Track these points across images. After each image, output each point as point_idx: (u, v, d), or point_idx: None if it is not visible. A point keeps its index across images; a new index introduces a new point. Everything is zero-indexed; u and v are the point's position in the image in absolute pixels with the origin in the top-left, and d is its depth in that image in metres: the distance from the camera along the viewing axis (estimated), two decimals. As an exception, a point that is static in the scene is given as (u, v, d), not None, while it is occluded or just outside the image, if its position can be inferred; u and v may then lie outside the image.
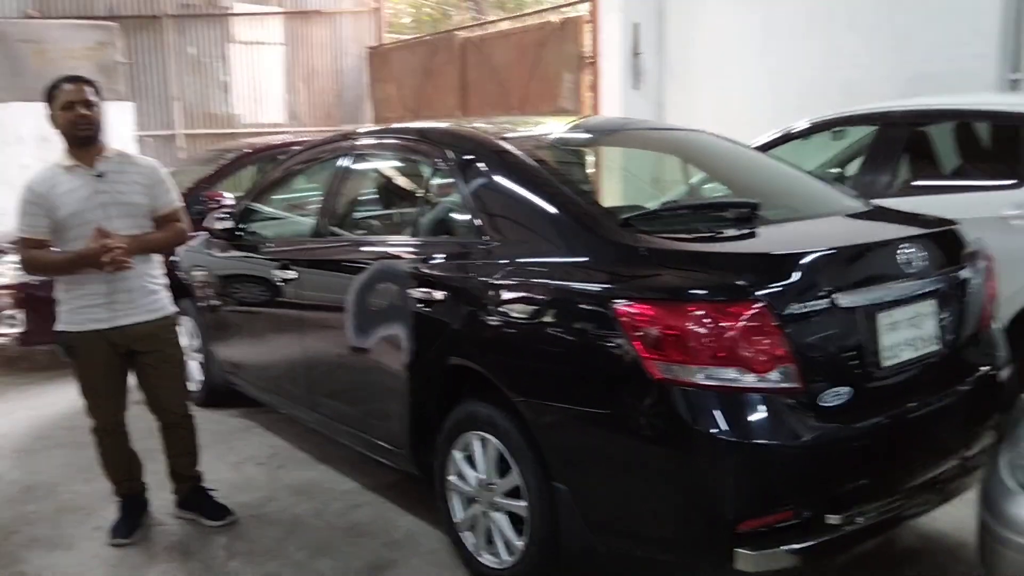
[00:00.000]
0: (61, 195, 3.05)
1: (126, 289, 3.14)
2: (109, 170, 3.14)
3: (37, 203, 3.05)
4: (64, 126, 3.09)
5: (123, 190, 3.14)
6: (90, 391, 3.27)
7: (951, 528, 3.10)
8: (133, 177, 3.18)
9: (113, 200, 3.11)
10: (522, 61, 9.92)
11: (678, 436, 2.21)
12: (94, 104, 3.11)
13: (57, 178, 3.08)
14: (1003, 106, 4.33)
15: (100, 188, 3.10)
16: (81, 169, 3.10)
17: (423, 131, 3.47)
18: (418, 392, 3.02)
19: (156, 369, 3.29)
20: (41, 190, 3.06)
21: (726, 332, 2.16)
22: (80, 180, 3.09)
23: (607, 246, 2.50)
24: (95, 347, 3.17)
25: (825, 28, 6.96)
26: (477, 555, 2.88)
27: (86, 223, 3.04)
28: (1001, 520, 1.98)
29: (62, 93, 3.07)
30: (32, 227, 3.07)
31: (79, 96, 3.07)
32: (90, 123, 3.09)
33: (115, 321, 3.15)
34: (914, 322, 2.50)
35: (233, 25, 12.46)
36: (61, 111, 3.07)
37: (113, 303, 3.14)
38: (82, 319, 3.14)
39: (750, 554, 2.15)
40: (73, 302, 3.15)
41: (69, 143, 3.12)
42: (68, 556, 3.24)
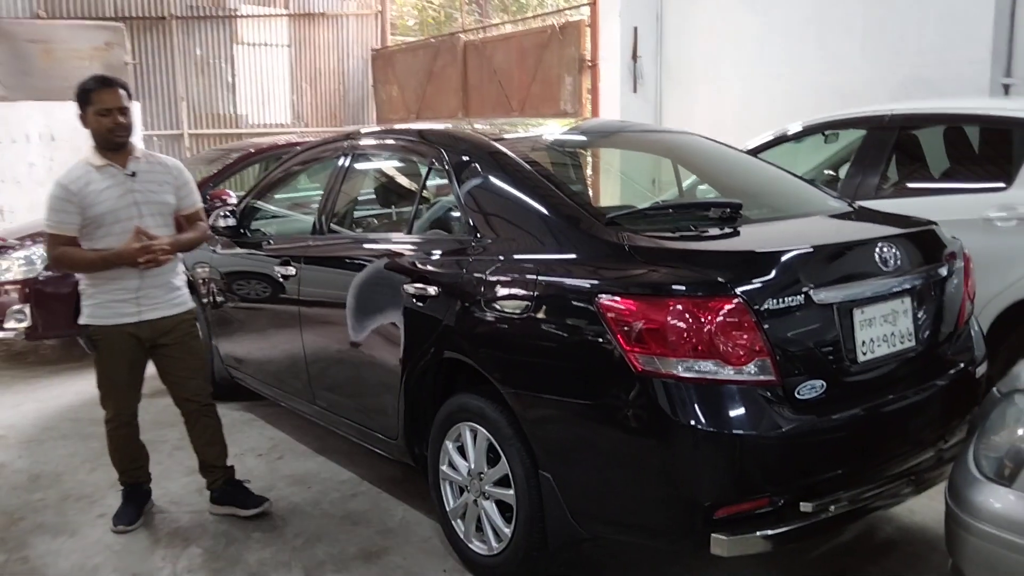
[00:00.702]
0: (95, 193, 3.12)
1: (154, 285, 3.25)
2: (140, 170, 3.23)
3: (70, 200, 3.10)
4: (99, 131, 3.15)
5: (154, 189, 3.24)
6: (109, 383, 3.35)
7: (930, 520, 3.19)
8: (163, 177, 3.28)
9: (145, 199, 3.21)
10: (523, 64, 10.03)
11: (658, 426, 2.30)
12: (129, 110, 3.18)
13: (89, 176, 3.15)
14: (991, 110, 4.40)
15: (132, 187, 3.19)
16: (113, 168, 3.18)
17: (421, 132, 3.56)
18: (412, 384, 3.11)
19: (180, 360, 3.39)
20: (74, 188, 3.11)
21: (704, 326, 2.26)
22: (113, 179, 3.17)
23: (593, 243, 2.60)
24: (121, 341, 3.25)
25: (820, 33, 7.05)
26: (468, 542, 2.97)
27: (118, 221, 3.14)
28: (965, 507, 2.06)
29: (99, 98, 3.12)
30: (63, 224, 3.13)
31: (116, 103, 3.14)
32: (126, 130, 3.17)
33: (142, 316, 3.25)
34: (889, 319, 2.59)
35: (239, 26, 12.59)
36: (96, 116, 3.13)
37: (141, 298, 3.23)
38: (109, 313, 3.22)
39: (725, 539, 2.24)
40: (100, 296, 3.22)
41: (101, 146, 3.19)
42: (72, 542, 3.34)
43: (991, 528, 1.98)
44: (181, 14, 12.07)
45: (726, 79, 7.92)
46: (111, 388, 3.36)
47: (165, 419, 4.77)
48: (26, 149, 9.19)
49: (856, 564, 3.00)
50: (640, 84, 8.56)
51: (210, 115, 12.43)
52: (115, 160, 3.19)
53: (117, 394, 3.36)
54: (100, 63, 9.69)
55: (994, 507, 1.99)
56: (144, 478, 3.60)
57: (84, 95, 3.15)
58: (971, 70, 6.08)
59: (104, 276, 3.19)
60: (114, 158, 3.19)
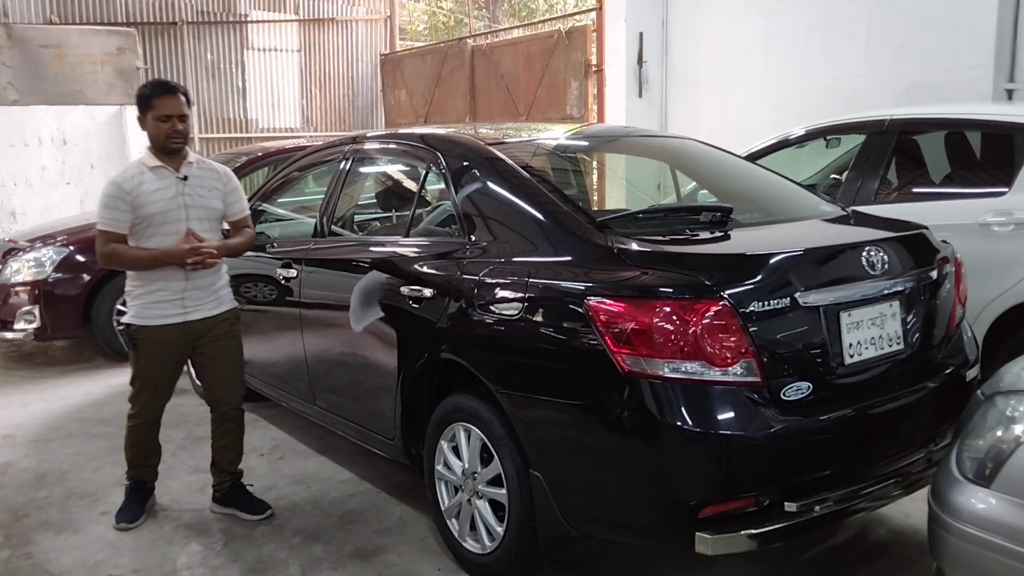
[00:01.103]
0: (148, 193, 3.19)
1: (198, 287, 3.32)
2: (191, 174, 3.30)
3: (123, 199, 3.17)
4: (156, 136, 3.23)
5: (204, 194, 3.32)
6: (145, 383, 3.40)
7: (924, 523, 3.17)
8: (212, 183, 3.36)
9: (194, 203, 3.28)
10: (530, 69, 10.09)
11: (644, 426, 2.33)
12: (187, 117, 3.27)
13: (143, 176, 3.22)
14: (987, 115, 4.41)
15: (183, 190, 3.26)
16: (166, 171, 3.26)
17: (421, 136, 3.61)
18: (408, 385, 3.16)
19: (216, 360, 3.45)
20: (128, 187, 3.18)
21: (690, 328, 2.29)
22: (165, 181, 3.24)
23: (583, 246, 2.64)
24: (164, 341, 3.31)
25: (824, 38, 7.08)
26: (462, 541, 3.01)
27: (167, 222, 3.22)
28: (946, 509, 2.09)
29: (160, 104, 3.20)
30: (116, 221, 3.19)
31: (177, 110, 3.21)
32: (183, 136, 3.25)
33: (188, 316, 3.32)
34: (877, 322, 2.61)
35: (250, 32, 12.70)
36: (156, 121, 3.20)
37: (186, 299, 3.30)
38: (155, 314, 3.29)
39: (710, 537, 2.27)
40: (146, 297, 3.28)
41: (157, 149, 3.26)
42: (75, 538, 3.40)
43: (971, 529, 2.00)
44: (192, 19, 12.18)
45: (731, 84, 7.96)
46: (145, 387, 3.41)
47: (170, 419, 4.79)
48: (38, 153, 9.32)
49: (847, 566, 3.02)
50: (645, 89, 8.61)
51: (221, 119, 12.54)
52: (169, 163, 3.26)
53: (150, 393, 3.42)
54: (112, 68, 9.83)
55: (974, 508, 2.01)
56: (151, 477, 3.65)
57: (145, 100, 3.22)
58: (974, 75, 6.10)
59: (151, 277, 3.26)
60: (168, 161, 3.27)
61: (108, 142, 9.63)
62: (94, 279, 6.04)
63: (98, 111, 9.58)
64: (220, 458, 3.60)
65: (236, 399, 3.56)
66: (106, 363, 6.21)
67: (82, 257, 6.08)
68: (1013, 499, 1.93)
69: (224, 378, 3.49)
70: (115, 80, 9.88)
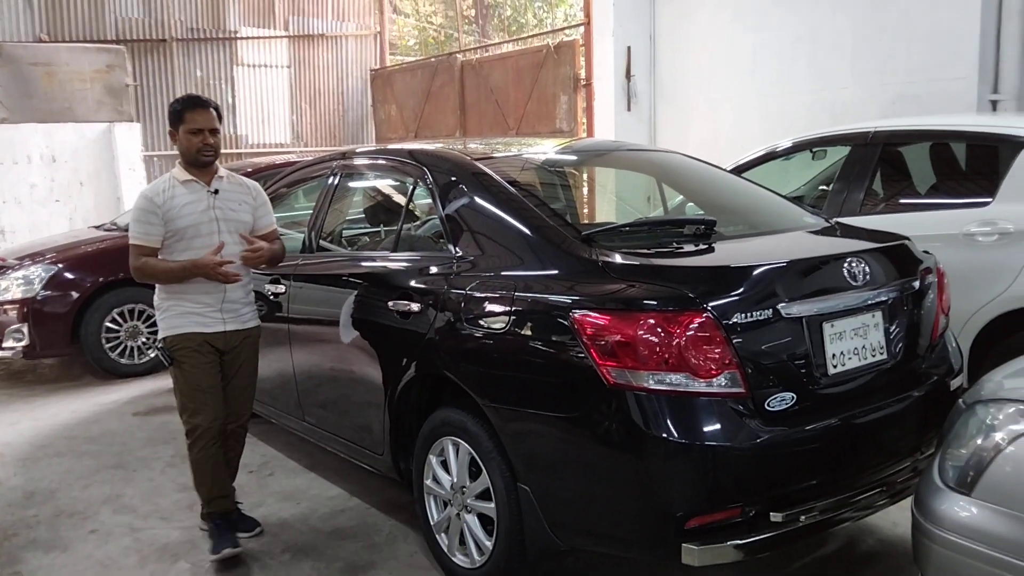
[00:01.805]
0: (180, 207, 3.20)
1: (232, 299, 3.32)
2: (222, 188, 3.31)
3: (155, 212, 3.17)
4: (188, 149, 3.23)
5: (234, 208, 3.32)
6: (195, 391, 3.28)
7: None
8: (242, 197, 3.36)
9: (224, 216, 3.28)
10: (519, 83, 10.15)
11: (629, 438, 2.34)
12: (218, 131, 3.28)
13: (175, 190, 3.23)
14: (970, 126, 4.44)
15: (214, 204, 3.27)
16: (197, 184, 3.26)
17: (409, 152, 3.62)
18: (397, 400, 3.16)
19: (235, 377, 3.40)
20: (159, 200, 3.19)
21: (674, 340, 2.31)
22: (196, 194, 3.25)
23: (569, 260, 2.66)
24: (201, 347, 3.27)
25: (811, 52, 7.15)
26: (451, 555, 3.01)
27: (200, 236, 3.22)
28: (929, 516, 2.10)
29: (191, 118, 3.21)
30: (148, 235, 3.19)
31: (208, 124, 3.22)
32: (214, 150, 3.26)
33: (227, 325, 3.32)
34: (860, 332, 2.64)
35: (239, 48, 12.75)
36: (187, 134, 3.21)
37: (220, 311, 3.29)
38: (187, 322, 3.26)
39: (696, 548, 2.28)
40: (180, 307, 3.26)
41: (188, 162, 3.27)
42: (63, 557, 3.39)
43: (954, 537, 2.01)
44: (181, 36, 12.23)
45: (719, 97, 8.02)
46: (199, 396, 3.28)
47: (159, 437, 4.85)
48: (27, 170, 9.31)
49: (835, 576, 3.04)
50: (634, 103, 8.66)
51: (211, 136, 12.54)
52: (200, 177, 3.27)
53: (207, 401, 3.28)
54: (101, 85, 9.83)
55: (956, 516, 2.03)
56: (233, 507, 3.47)
57: (177, 114, 3.24)
58: (959, 87, 6.16)
59: (185, 291, 3.25)
60: (199, 175, 3.27)
61: (97, 159, 9.62)
62: (83, 297, 6.04)
63: (87, 128, 9.58)
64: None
65: (245, 418, 3.51)
66: (95, 381, 6.20)
67: (71, 275, 6.08)
68: (994, 506, 1.94)
69: (237, 396, 3.43)
70: (105, 97, 9.89)
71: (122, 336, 6.19)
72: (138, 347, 6.26)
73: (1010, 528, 1.89)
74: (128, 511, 3.81)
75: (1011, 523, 1.89)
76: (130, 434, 4.92)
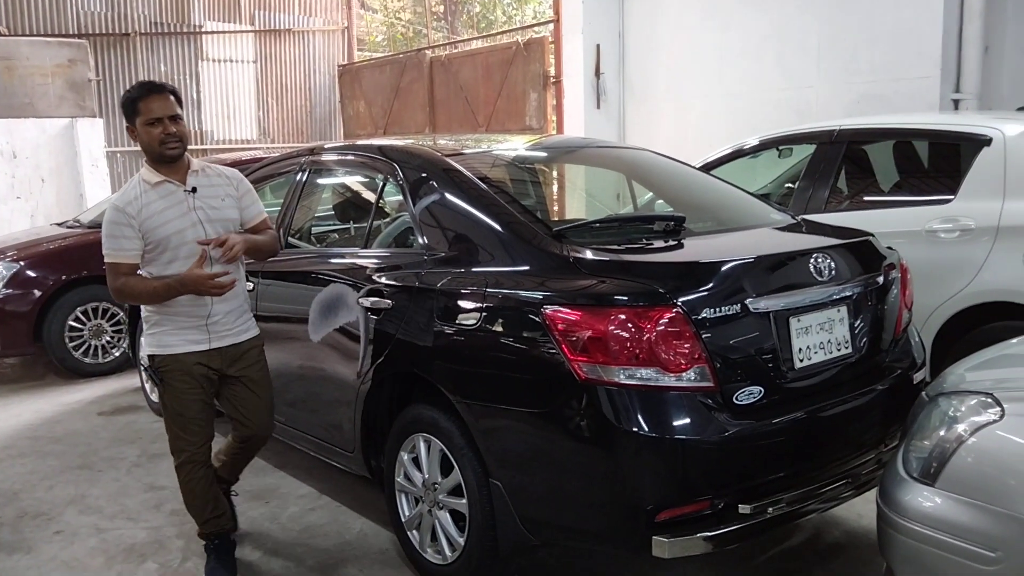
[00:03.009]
0: (157, 214, 2.82)
1: (224, 311, 2.96)
2: (200, 184, 2.91)
3: (128, 224, 2.79)
4: (150, 144, 2.82)
5: (217, 205, 2.93)
6: (181, 418, 2.97)
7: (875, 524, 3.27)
8: (224, 190, 2.97)
9: (208, 217, 2.89)
10: (489, 80, 10.14)
11: (601, 432, 2.36)
12: (180, 118, 2.87)
13: (147, 196, 2.84)
14: (938, 125, 4.51)
15: (194, 205, 2.88)
16: (171, 185, 2.87)
17: (379, 148, 3.61)
18: (368, 397, 3.15)
19: (249, 394, 3.08)
20: (132, 210, 2.80)
21: (645, 335, 2.33)
22: (172, 197, 2.86)
23: (540, 256, 2.67)
24: (192, 370, 2.93)
25: (778, 51, 7.23)
26: (423, 552, 3.01)
27: (185, 243, 2.83)
28: (892, 506, 2.14)
29: (146, 107, 2.80)
30: (124, 250, 2.81)
31: (167, 110, 2.81)
32: (179, 140, 2.84)
33: (212, 343, 2.95)
34: (826, 327, 2.68)
35: (204, 43, 12.59)
36: (145, 127, 2.80)
37: (211, 324, 2.94)
38: (178, 341, 2.92)
39: (666, 541, 2.30)
40: (166, 324, 2.92)
41: (154, 160, 2.87)
42: (27, 559, 3.33)
43: (918, 527, 2.05)
44: (145, 31, 12.05)
45: (687, 95, 8.08)
46: (183, 424, 2.98)
47: (124, 436, 4.78)
48: (-13, 167, 9.12)
49: (803, 568, 3.08)
50: (603, 100, 8.69)
51: (175, 131, 12.38)
52: (172, 176, 2.87)
53: (191, 429, 2.98)
54: (63, 80, 9.65)
55: (920, 506, 2.07)
56: (230, 526, 3.23)
57: (130, 104, 2.83)
58: (922, 86, 6.27)
59: (175, 305, 2.88)
60: (170, 173, 2.87)
61: (59, 155, 9.46)
62: (45, 295, 5.94)
63: (49, 124, 9.41)
64: (225, 471, 3.29)
65: (269, 432, 3.22)
66: (58, 380, 6.09)
67: (33, 272, 5.97)
68: (957, 496, 1.98)
69: (258, 411, 3.12)
70: (66, 92, 9.71)
71: (86, 335, 6.10)
72: (102, 346, 6.16)
73: (973, 517, 1.93)
74: (94, 512, 3.75)
75: (974, 512, 1.93)
76: (95, 434, 4.84)
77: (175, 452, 3.04)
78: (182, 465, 3.03)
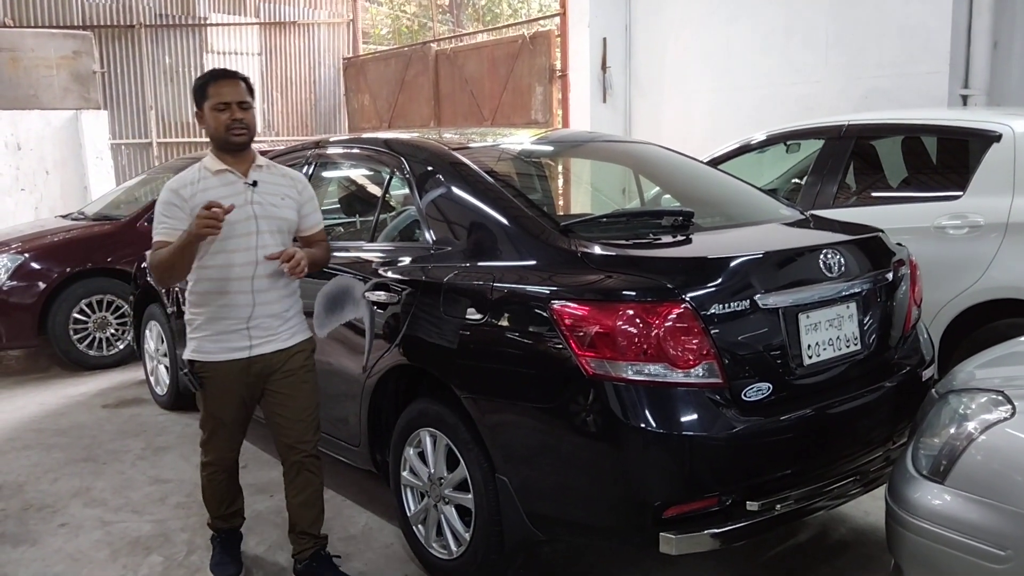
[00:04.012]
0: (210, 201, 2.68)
1: (267, 315, 2.83)
2: (262, 180, 2.83)
3: (180, 207, 2.73)
4: (217, 129, 2.76)
5: (276, 203, 2.83)
6: (215, 424, 2.93)
7: (882, 521, 3.25)
8: (285, 190, 2.87)
9: (264, 213, 2.79)
10: (494, 74, 10.11)
11: (608, 428, 2.35)
12: (250, 106, 2.81)
13: (206, 182, 2.78)
14: (947, 121, 4.49)
15: (253, 198, 2.78)
16: (232, 175, 2.79)
17: (385, 141, 3.60)
18: (374, 391, 3.14)
19: (287, 399, 2.93)
20: (186, 193, 2.74)
21: (653, 330, 2.32)
22: (230, 187, 2.77)
23: (548, 251, 2.65)
24: (232, 378, 2.84)
25: (785, 45, 7.19)
26: (428, 547, 3.00)
27: (235, 236, 2.73)
28: (902, 504, 2.13)
29: (216, 91, 2.75)
30: (172, 231, 2.71)
31: (236, 96, 2.75)
32: (246, 128, 2.77)
33: (253, 350, 2.83)
34: (835, 323, 2.66)
35: (209, 35, 12.56)
36: (213, 111, 2.75)
37: (252, 329, 2.82)
38: (220, 347, 2.82)
39: (673, 537, 2.29)
40: (207, 327, 2.82)
41: (219, 147, 2.81)
42: (32, 551, 3.33)
43: (927, 524, 2.04)
44: (150, 22, 12.02)
45: (694, 90, 8.05)
46: (216, 429, 2.93)
47: (129, 429, 4.78)
48: (-9, 158, 9.13)
49: (809, 564, 3.07)
50: (609, 94, 8.66)
51: (179, 124, 12.37)
52: (235, 166, 2.80)
53: (222, 435, 2.94)
54: (68, 72, 9.65)
55: (930, 504, 2.06)
56: (239, 522, 3.19)
57: (200, 89, 2.79)
58: (930, 81, 6.24)
59: (215, 304, 2.80)
60: (234, 164, 2.80)
61: (64, 147, 9.46)
62: (50, 287, 5.94)
63: (53, 116, 9.41)
64: (299, 518, 3.03)
65: (312, 444, 3.00)
66: (63, 373, 6.10)
67: (37, 265, 5.97)
68: (967, 494, 1.97)
69: (298, 420, 2.95)
70: (71, 84, 9.70)
71: (90, 327, 6.10)
72: (107, 339, 6.17)
73: (982, 515, 1.92)
74: (98, 504, 3.75)
75: (983, 510, 1.92)
76: (99, 427, 4.84)
77: (204, 450, 3.02)
78: (206, 465, 3.03)
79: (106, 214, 6.75)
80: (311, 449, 3.00)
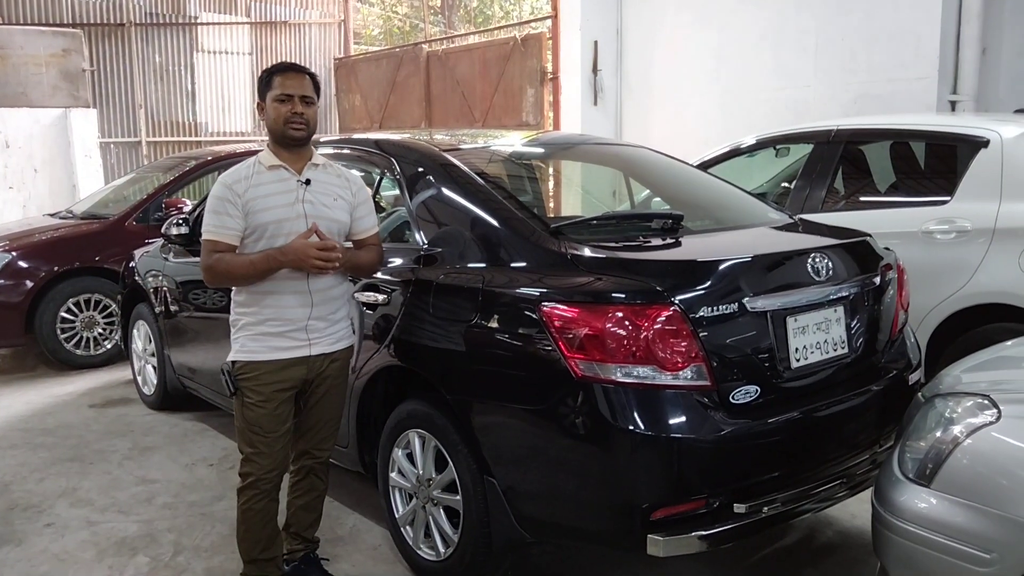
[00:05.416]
0: (263, 198, 2.64)
1: (322, 315, 2.73)
2: (316, 178, 2.73)
3: (233, 202, 2.62)
4: (275, 121, 2.67)
5: (328, 203, 2.72)
6: (260, 436, 2.70)
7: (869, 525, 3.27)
8: (339, 191, 2.77)
9: (316, 212, 2.68)
10: (486, 75, 10.11)
11: (597, 430, 2.35)
12: (313, 102, 2.73)
13: (260, 177, 2.67)
14: (935, 126, 4.51)
15: (305, 197, 2.68)
16: (286, 172, 2.70)
17: (376, 141, 3.59)
18: (362, 392, 3.14)
19: (317, 405, 2.84)
20: (240, 188, 2.63)
21: (642, 333, 2.32)
22: (284, 184, 2.68)
23: (537, 253, 2.66)
24: (278, 380, 2.70)
25: (775, 50, 7.23)
26: (416, 548, 3.00)
27: (283, 235, 2.63)
28: (888, 507, 2.14)
29: (280, 83, 2.67)
30: (225, 228, 2.62)
31: (300, 90, 2.67)
32: (305, 123, 2.69)
33: (313, 349, 2.74)
34: (822, 327, 2.67)
35: (200, 34, 12.52)
36: (275, 103, 2.66)
37: (306, 330, 2.71)
38: (268, 347, 2.68)
39: (661, 539, 2.29)
40: (255, 328, 2.69)
41: (276, 141, 2.72)
42: (18, 551, 3.31)
43: (913, 527, 2.05)
44: (140, 21, 11.97)
45: (684, 93, 8.08)
46: (257, 440, 2.70)
47: (116, 429, 4.76)
48: (-20, 156, 9.07)
49: (795, 567, 3.08)
50: (600, 97, 8.68)
51: (169, 123, 12.33)
52: (291, 164, 2.71)
53: (266, 446, 2.70)
54: (57, 70, 9.59)
55: (916, 507, 2.07)
56: (275, 572, 2.88)
57: (266, 78, 2.71)
58: (919, 87, 6.28)
59: (270, 304, 2.67)
60: (290, 161, 2.71)
61: (52, 146, 9.40)
62: (37, 286, 5.90)
63: (42, 114, 9.36)
64: (297, 520, 2.98)
65: (326, 453, 2.94)
66: (50, 372, 6.06)
67: (25, 263, 5.93)
68: (952, 498, 1.98)
69: (320, 426, 2.87)
70: (60, 82, 9.65)
71: (78, 327, 6.06)
72: (94, 338, 6.13)
73: (968, 518, 1.93)
74: (85, 504, 3.73)
75: (969, 514, 1.93)
76: (86, 426, 4.82)
77: (242, 474, 2.76)
78: (243, 491, 2.75)
79: (94, 213, 6.72)
80: (325, 457, 2.96)
